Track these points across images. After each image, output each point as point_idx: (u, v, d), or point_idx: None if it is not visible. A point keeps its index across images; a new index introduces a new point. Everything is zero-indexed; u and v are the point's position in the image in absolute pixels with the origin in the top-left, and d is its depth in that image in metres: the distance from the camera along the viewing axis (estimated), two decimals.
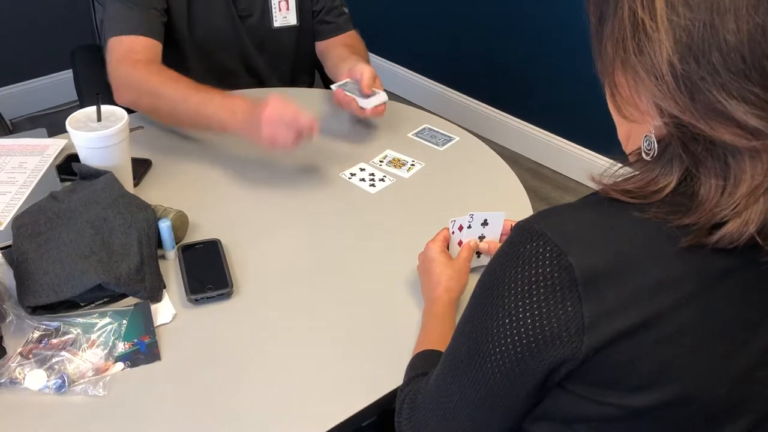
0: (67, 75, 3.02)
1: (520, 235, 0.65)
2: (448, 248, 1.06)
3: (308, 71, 1.83)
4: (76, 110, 1.17)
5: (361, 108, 1.41)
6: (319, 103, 1.61)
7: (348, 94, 1.43)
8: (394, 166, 1.34)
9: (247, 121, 1.26)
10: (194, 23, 1.57)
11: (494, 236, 1.06)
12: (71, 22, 2.91)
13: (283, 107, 1.23)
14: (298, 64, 1.76)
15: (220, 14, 1.58)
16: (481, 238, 1.06)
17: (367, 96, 1.42)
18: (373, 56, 1.75)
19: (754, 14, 0.56)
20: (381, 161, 1.36)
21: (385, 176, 1.32)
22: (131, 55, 1.41)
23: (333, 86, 1.47)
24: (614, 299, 0.60)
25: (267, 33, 1.65)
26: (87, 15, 1.84)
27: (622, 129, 0.72)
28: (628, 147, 0.72)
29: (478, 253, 1.07)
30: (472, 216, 1.04)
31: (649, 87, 0.61)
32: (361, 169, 1.34)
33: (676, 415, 0.65)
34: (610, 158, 0.70)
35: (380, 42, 3.29)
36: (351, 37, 1.74)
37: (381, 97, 1.43)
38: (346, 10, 1.75)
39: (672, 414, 0.65)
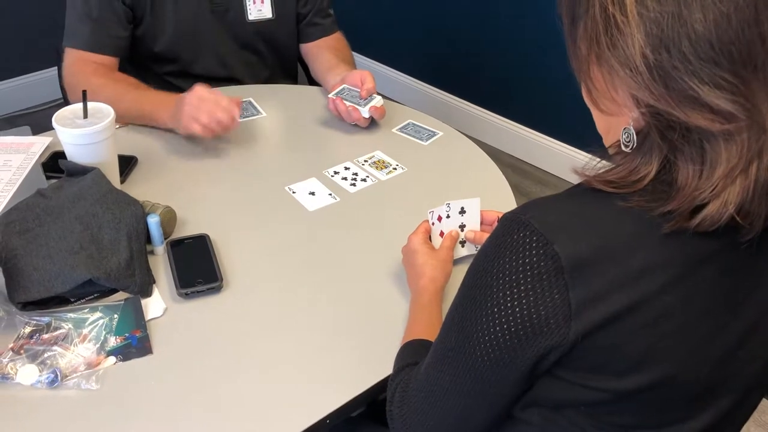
0: (44, 74, 3.00)
1: (506, 226, 0.67)
2: (430, 239, 1.07)
3: (287, 71, 1.82)
4: (56, 109, 1.17)
5: (365, 117, 1.45)
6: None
7: (347, 103, 1.45)
8: (377, 167, 1.36)
9: (174, 111, 1.34)
10: (163, 22, 1.56)
11: (474, 223, 1.08)
12: (48, 22, 2.87)
13: (204, 93, 1.30)
14: (275, 62, 1.75)
15: (193, 10, 1.57)
16: (462, 226, 1.08)
17: (365, 101, 1.45)
18: (354, 54, 1.77)
19: (719, 3, 0.58)
20: (366, 161, 1.38)
21: (367, 176, 1.33)
22: (79, 63, 1.48)
23: (330, 95, 1.48)
24: (600, 286, 0.63)
25: (242, 27, 1.64)
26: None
27: (601, 123, 0.74)
28: (607, 140, 0.74)
29: (462, 243, 1.09)
30: (449, 205, 1.06)
31: (625, 79, 0.63)
32: (346, 168, 1.35)
33: (662, 397, 0.68)
34: (589, 153, 0.72)
35: (361, 40, 3.30)
36: (337, 40, 1.75)
37: (378, 100, 1.46)
38: (332, 12, 1.75)
39: (658, 395, 0.67)
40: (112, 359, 0.92)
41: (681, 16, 0.59)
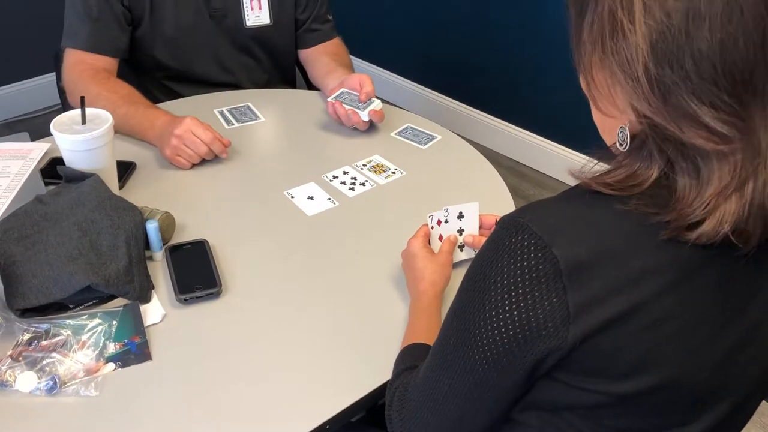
0: (43, 80, 3.00)
1: (505, 229, 0.67)
2: (429, 243, 1.07)
3: (285, 77, 1.82)
4: (54, 114, 1.18)
5: (364, 121, 1.44)
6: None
7: (346, 106, 1.45)
8: (375, 172, 1.36)
9: (161, 133, 1.35)
10: (162, 26, 1.56)
11: (473, 228, 1.08)
12: (47, 27, 2.87)
13: (195, 130, 1.31)
14: (272, 67, 1.75)
15: (191, 14, 1.57)
16: (460, 231, 1.08)
17: (364, 104, 1.45)
18: (352, 58, 1.77)
19: (728, 24, 0.58)
20: (364, 165, 1.38)
21: (366, 181, 1.33)
22: (80, 65, 1.49)
23: (329, 98, 1.48)
24: (598, 289, 0.62)
25: (240, 32, 1.64)
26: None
27: (598, 118, 0.73)
28: (604, 134, 0.73)
29: (461, 247, 1.09)
30: (447, 210, 1.06)
31: (625, 87, 0.63)
32: (344, 173, 1.35)
33: (662, 400, 0.67)
34: (587, 155, 0.72)
35: (360, 43, 3.31)
36: (336, 45, 1.75)
37: (377, 103, 1.46)
38: (331, 18, 1.75)
39: (657, 399, 0.67)
40: (111, 366, 0.91)
41: (688, 33, 0.58)
